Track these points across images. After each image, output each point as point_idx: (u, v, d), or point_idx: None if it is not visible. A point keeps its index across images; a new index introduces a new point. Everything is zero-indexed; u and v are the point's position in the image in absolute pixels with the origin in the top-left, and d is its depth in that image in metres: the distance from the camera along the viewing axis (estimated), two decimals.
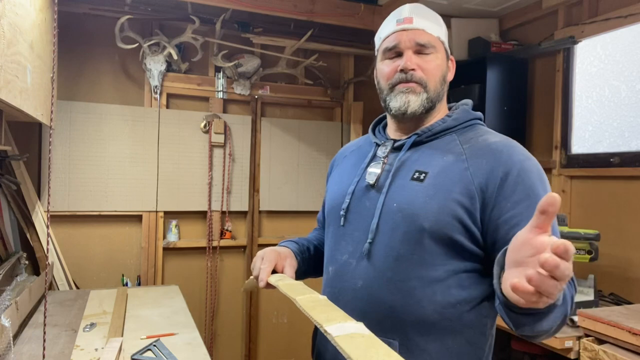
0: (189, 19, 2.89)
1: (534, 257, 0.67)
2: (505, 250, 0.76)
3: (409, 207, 1.00)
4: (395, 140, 1.12)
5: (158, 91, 3.00)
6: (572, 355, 1.77)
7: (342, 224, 1.12)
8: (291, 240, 1.27)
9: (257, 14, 2.91)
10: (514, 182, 0.95)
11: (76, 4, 2.77)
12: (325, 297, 0.83)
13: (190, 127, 3.11)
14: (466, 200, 0.96)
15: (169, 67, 3.03)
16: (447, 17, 2.99)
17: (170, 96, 3.10)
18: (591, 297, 1.96)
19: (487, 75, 2.66)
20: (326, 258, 1.18)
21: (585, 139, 2.50)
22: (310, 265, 1.25)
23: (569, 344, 1.74)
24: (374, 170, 1.09)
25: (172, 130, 3.06)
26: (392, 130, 1.16)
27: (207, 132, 3.14)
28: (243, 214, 3.30)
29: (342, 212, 1.11)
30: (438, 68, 1.08)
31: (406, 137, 1.11)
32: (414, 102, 1.06)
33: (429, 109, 1.08)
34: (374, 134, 1.20)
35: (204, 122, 3.13)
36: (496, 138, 1.05)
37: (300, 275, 1.18)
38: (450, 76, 1.14)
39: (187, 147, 3.11)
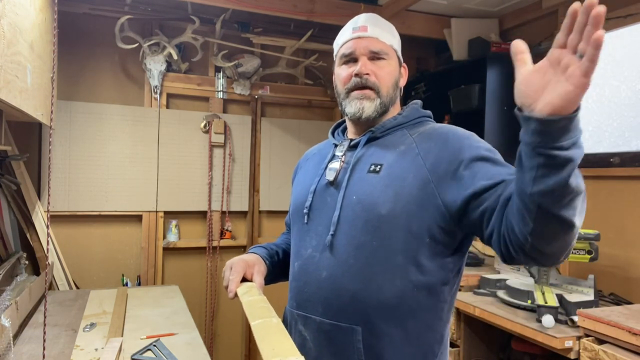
0: (189, 19, 2.89)
1: (547, 73, 0.74)
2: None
3: (368, 197, 1.06)
4: (351, 140, 1.19)
5: (158, 91, 3.00)
6: (572, 355, 1.76)
7: (305, 221, 1.17)
8: (260, 245, 1.32)
9: (257, 14, 2.91)
10: (470, 151, 1.02)
11: (76, 4, 2.78)
12: (278, 322, 0.86)
13: (190, 127, 3.11)
14: (420, 182, 1.03)
15: (169, 67, 3.03)
16: (447, 17, 2.99)
17: (170, 96, 3.10)
18: (591, 297, 1.96)
19: (487, 75, 2.66)
20: (292, 255, 1.23)
21: (585, 139, 2.48)
22: (279, 269, 1.29)
23: (569, 344, 1.74)
24: (333, 167, 1.17)
25: (172, 130, 3.07)
26: (350, 132, 1.24)
27: (207, 132, 3.14)
28: (243, 214, 3.30)
29: (305, 210, 1.17)
30: (391, 74, 1.16)
31: (361, 135, 1.18)
32: (368, 107, 1.14)
33: (382, 113, 1.16)
34: (333, 136, 1.28)
35: (204, 122, 3.13)
36: (441, 125, 1.15)
37: (270, 279, 1.23)
38: (403, 82, 1.22)
39: (187, 147, 3.11)
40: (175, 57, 2.95)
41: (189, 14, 2.90)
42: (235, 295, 1.07)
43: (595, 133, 2.45)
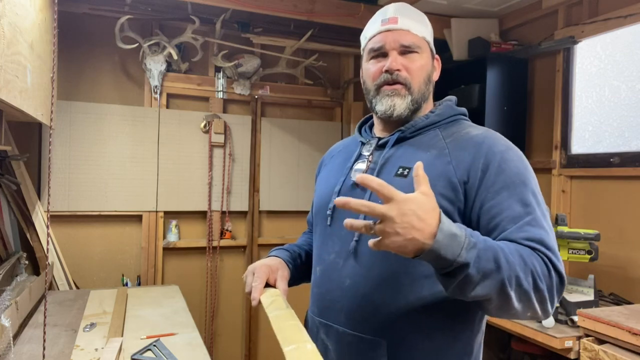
0: (189, 19, 2.89)
1: None
2: None
3: None
4: (379, 138, 1.13)
5: (158, 91, 3.00)
6: (572, 355, 1.77)
7: (328, 223, 1.12)
8: (282, 248, 1.26)
9: (257, 14, 2.90)
10: (494, 173, 0.96)
11: (76, 4, 2.77)
12: (313, 348, 0.81)
13: (190, 127, 3.11)
14: (450, 193, 0.97)
15: (169, 67, 3.03)
16: (447, 17, 2.99)
17: (170, 96, 3.10)
18: (591, 297, 1.96)
19: (487, 75, 2.66)
20: (314, 258, 1.18)
21: (585, 139, 2.50)
22: (302, 271, 1.25)
23: (569, 344, 1.74)
24: (359, 168, 1.11)
25: (172, 130, 3.06)
26: (378, 130, 1.17)
27: (207, 132, 3.14)
28: (243, 214, 3.30)
29: (328, 212, 1.12)
30: (423, 68, 1.09)
31: (390, 134, 1.12)
32: (400, 105, 1.07)
33: (414, 110, 1.09)
34: (360, 133, 1.22)
35: (204, 122, 3.13)
36: (478, 131, 1.06)
37: (293, 282, 1.18)
38: (436, 76, 1.16)
39: (187, 147, 3.11)
40: (175, 57, 2.95)
41: (189, 14, 2.90)
42: (259, 302, 1.02)
43: (595, 133, 2.45)
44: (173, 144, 3.07)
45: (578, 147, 2.54)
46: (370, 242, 0.80)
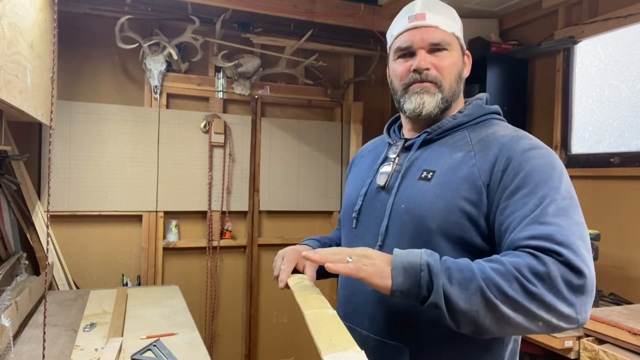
0: (189, 19, 2.89)
1: None
2: None
3: (417, 208, 0.98)
4: (406, 140, 1.10)
5: (158, 91, 3.00)
6: (572, 355, 1.77)
7: (354, 226, 1.11)
8: (313, 238, 1.25)
9: (257, 14, 2.90)
10: (513, 172, 0.91)
11: (76, 4, 2.77)
12: (334, 313, 0.80)
13: (190, 127, 3.11)
14: (474, 196, 0.93)
15: (169, 67, 3.03)
16: None
17: (170, 96, 3.10)
18: None
19: (487, 75, 2.66)
20: None
21: (585, 139, 2.50)
22: None
23: (569, 344, 1.74)
24: (385, 171, 1.08)
25: (172, 130, 3.06)
26: (406, 130, 1.14)
27: (207, 132, 3.14)
28: (243, 214, 3.30)
29: (354, 214, 1.11)
30: (453, 66, 1.05)
31: (417, 135, 1.08)
32: (429, 103, 1.03)
33: (444, 109, 1.05)
34: (388, 134, 1.19)
35: (204, 122, 3.13)
36: (506, 131, 1.01)
37: (321, 274, 1.14)
38: (466, 72, 1.12)
39: (187, 147, 3.11)
40: (175, 57, 2.95)
41: (189, 14, 2.90)
42: (286, 285, 1.01)
43: (595, 133, 2.45)
44: (173, 144, 3.07)
45: (578, 147, 2.54)
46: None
